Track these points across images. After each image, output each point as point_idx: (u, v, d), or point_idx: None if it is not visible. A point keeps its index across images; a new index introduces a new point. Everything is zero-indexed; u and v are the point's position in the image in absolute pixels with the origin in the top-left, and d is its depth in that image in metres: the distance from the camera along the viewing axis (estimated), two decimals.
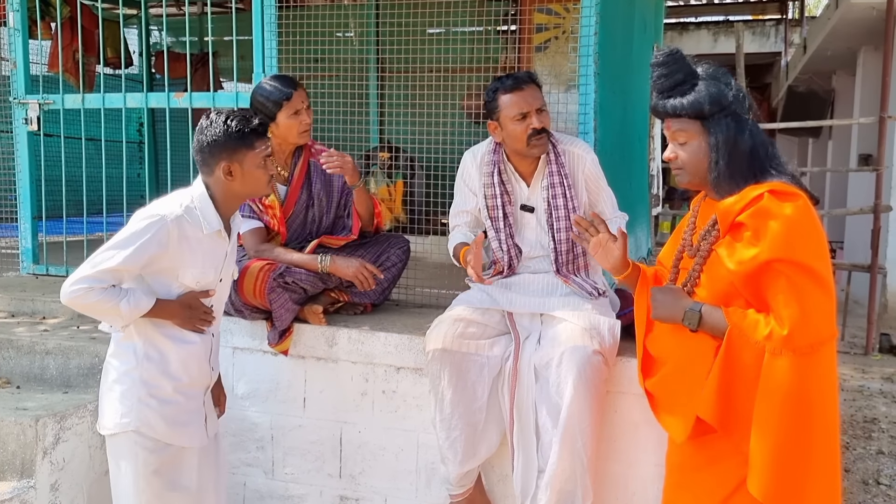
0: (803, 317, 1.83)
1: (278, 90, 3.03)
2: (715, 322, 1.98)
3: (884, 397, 5.05)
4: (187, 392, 2.32)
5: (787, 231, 1.85)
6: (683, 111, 2.01)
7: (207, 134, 2.24)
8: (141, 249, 2.16)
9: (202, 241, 2.26)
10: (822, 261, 1.87)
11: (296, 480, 3.18)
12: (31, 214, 4.33)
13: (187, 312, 2.29)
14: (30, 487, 2.76)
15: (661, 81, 2.04)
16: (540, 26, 5.14)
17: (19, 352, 3.37)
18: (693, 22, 12.99)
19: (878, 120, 6.32)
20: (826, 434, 1.91)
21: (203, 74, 6.15)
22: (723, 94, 1.98)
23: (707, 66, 2.05)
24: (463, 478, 2.75)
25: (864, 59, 9.07)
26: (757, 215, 1.89)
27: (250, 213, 3.08)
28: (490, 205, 2.89)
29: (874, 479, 3.84)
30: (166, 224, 2.17)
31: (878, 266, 6.31)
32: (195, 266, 2.25)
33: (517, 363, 2.65)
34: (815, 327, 1.85)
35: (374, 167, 5.46)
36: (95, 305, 2.17)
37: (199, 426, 2.37)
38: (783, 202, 1.88)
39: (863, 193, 7.97)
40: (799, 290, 1.84)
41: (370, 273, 2.98)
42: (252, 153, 2.26)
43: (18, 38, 4.24)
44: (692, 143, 2.03)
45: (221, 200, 2.30)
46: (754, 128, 2.00)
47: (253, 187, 2.32)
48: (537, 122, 2.72)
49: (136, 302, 2.19)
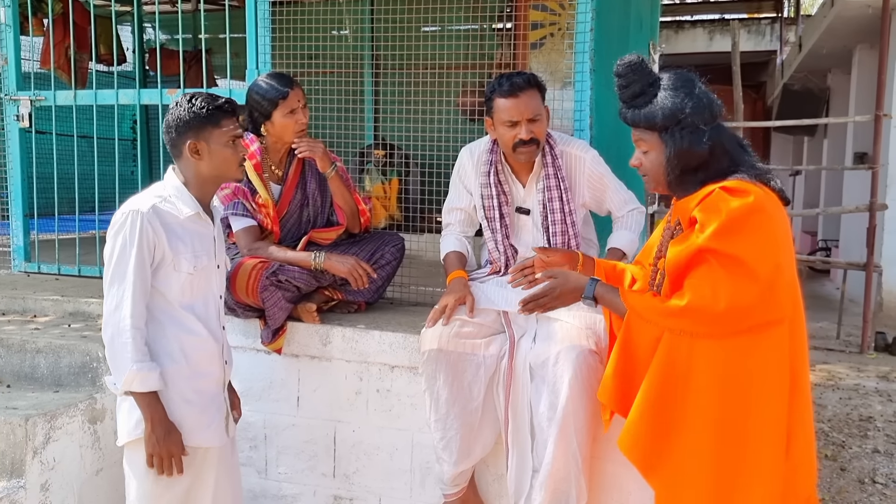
0: (712, 296, 1.88)
1: (274, 88, 2.99)
2: (611, 303, 2.14)
3: (879, 396, 5.04)
4: (205, 390, 2.31)
5: (725, 223, 1.89)
6: (640, 123, 2.07)
7: (174, 114, 2.25)
8: (139, 251, 2.14)
9: (185, 225, 2.24)
10: (756, 254, 1.88)
11: (289, 480, 3.16)
12: (22, 212, 4.30)
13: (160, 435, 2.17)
14: (20, 487, 2.73)
15: (621, 91, 2.10)
16: (536, 23, 5.12)
17: (10, 350, 3.34)
18: (689, 20, 13.00)
19: (873, 118, 6.31)
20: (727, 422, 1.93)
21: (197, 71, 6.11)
22: (678, 107, 2.00)
23: (671, 76, 2.06)
24: (457, 477, 2.73)
25: (859, 58, 9.08)
26: (705, 209, 1.94)
27: (244, 211, 3.05)
28: (486, 205, 2.88)
29: (870, 477, 3.84)
30: (143, 215, 2.16)
31: (874, 264, 6.31)
32: (186, 251, 2.23)
33: (512, 362, 2.64)
34: (726, 311, 1.87)
35: (368, 165, 5.43)
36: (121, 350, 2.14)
37: (219, 424, 2.35)
38: (732, 197, 1.92)
39: (858, 192, 7.96)
40: (715, 274, 1.89)
41: (364, 271, 2.96)
42: (218, 131, 2.25)
43: (10, 34, 4.20)
44: (651, 153, 2.09)
45: (194, 184, 2.28)
46: (714, 134, 2.00)
47: (222, 168, 2.29)
48: (525, 134, 2.70)
49: (148, 371, 2.14)
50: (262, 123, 3.03)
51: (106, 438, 3.04)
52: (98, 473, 3.02)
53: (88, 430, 2.99)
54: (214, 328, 2.35)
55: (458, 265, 2.94)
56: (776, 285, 1.90)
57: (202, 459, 2.29)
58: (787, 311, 1.94)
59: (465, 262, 2.98)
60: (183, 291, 2.25)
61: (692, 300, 1.91)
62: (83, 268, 4.16)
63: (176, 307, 2.24)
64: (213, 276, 2.35)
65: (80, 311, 3.65)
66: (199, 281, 2.28)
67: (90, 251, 4.27)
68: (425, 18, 3.84)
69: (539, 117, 2.73)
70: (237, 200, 3.03)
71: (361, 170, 5.31)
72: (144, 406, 2.16)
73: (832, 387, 5.19)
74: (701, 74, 2.10)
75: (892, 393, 5.11)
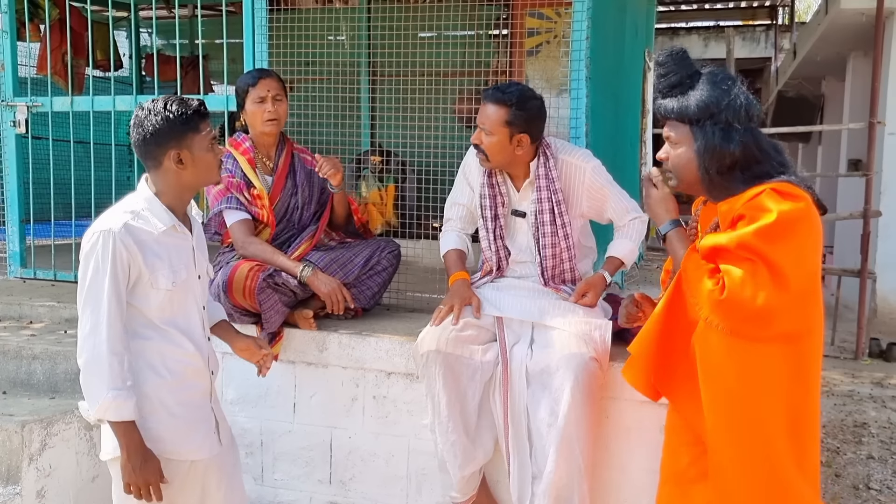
0: (752, 298, 1.81)
1: (249, 76, 3.14)
2: (674, 251, 2.07)
3: (874, 402, 5.06)
4: (191, 402, 2.23)
5: (774, 224, 1.82)
6: (672, 114, 2.00)
7: (148, 124, 2.10)
8: (113, 273, 2.04)
9: (160, 240, 2.13)
10: (793, 262, 1.83)
11: (286, 486, 3.15)
12: (18, 218, 4.30)
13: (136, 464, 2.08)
14: (15, 494, 2.73)
15: (659, 81, 2.03)
16: (532, 30, 5.14)
17: (6, 356, 3.34)
18: (684, 27, 13.04)
19: (867, 125, 6.34)
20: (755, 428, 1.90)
21: (193, 77, 6.11)
22: (714, 100, 1.94)
23: (712, 71, 2.01)
24: (466, 483, 2.72)
25: (853, 65, 9.12)
26: (754, 206, 1.87)
27: (237, 205, 3.09)
28: (483, 204, 2.90)
29: (864, 483, 3.85)
30: (114, 235, 2.05)
31: (868, 271, 6.33)
32: (163, 267, 2.13)
33: (507, 368, 2.64)
34: (759, 312, 1.82)
35: (365, 171, 5.43)
36: (97, 376, 2.03)
37: (209, 434, 2.27)
38: (783, 199, 1.85)
39: (852, 198, 8.00)
40: (760, 279, 1.82)
41: (343, 297, 2.97)
42: (199, 136, 2.14)
43: (7, 40, 4.20)
44: (680, 147, 2.01)
45: (172, 194, 2.17)
46: (747, 137, 1.94)
47: (205, 174, 2.19)
48: (475, 137, 2.76)
49: (123, 401, 2.03)
50: (241, 113, 3.16)
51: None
52: (94, 480, 3.01)
53: (84, 436, 2.98)
54: (199, 340, 2.26)
55: (460, 265, 2.94)
56: (808, 296, 1.87)
57: (186, 472, 2.20)
58: (813, 322, 1.90)
59: (465, 260, 2.99)
60: (162, 308, 2.16)
61: (731, 294, 1.83)
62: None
63: (156, 323, 2.16)
64: (194, 287, 2.25)
65: (76, 317, 3.60)
66: (178, 295, 2.19)
67: None
68: (422, 25, 3.86)
69: (491, 132, 2.71)
70: (231, 195, 3.07)
71: (358, 176, 5.31)
72: (120, 434, 2.06)
73: (827, 393, 5.20)
74: None
75: (886, 399, 5.12)
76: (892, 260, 7.24)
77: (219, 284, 2.96)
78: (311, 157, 3.36)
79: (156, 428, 2.14)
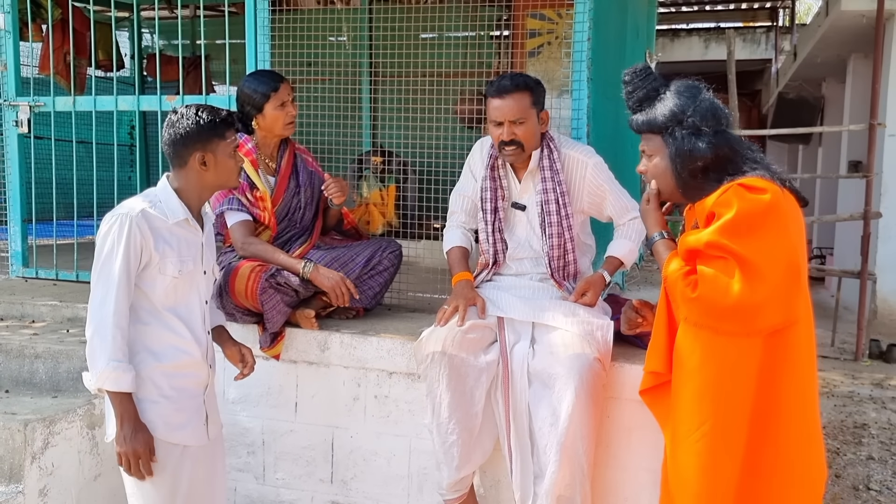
0: (723, 291, 1.88)
1: (266, 82, 3.12)
2: (660, 259, 2.16)
3: (873, 403, 5.07)
4: (185, 389, 2.32)
5: (735, 218, 1.89)
6: (643, 127, 2.10)
7: (179, 126, 2.29)
8: (126, 253, 2.17)
9: (173, 230, 2.29)
10: (766, 254, 1.88)
11: (287, 486, 3.16)
12: (20, 217, 4.30)
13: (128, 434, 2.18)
14: (18, 493, 2.73)
15: (628, 98, 2.14)
16: (533, 31, 5.15)
17: (8, 356, 3.34)
18: (685, 28, 13.06)
19: (867, 127, 6.35)
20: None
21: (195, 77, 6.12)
22: (680, 108, 2.02)
23: (677, 83, 2.09)
24: (458, 484, 2.73)
25: (853, 67, 9.13)
26: (720, 203, 1.94)
27: (238, 206, 3.10)
28: (483, 196, 2.92)
29: (864, 484, 3.86)
30: (131, 219, 2.20)
31: (868, 272, 6.34)
32: (172, 255, 2.27)
33: (507, 368, 2.65)
34: (733, 308, 1.88)
35: (366, 171, 5.44)
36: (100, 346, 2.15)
37: (199, 426, 2.36)
38: (748, 193, 1.91)
39: (852, 200, 8.01)
40: (731, 274, 1.88)
41: (347, 289, 2.99)
42: (224, 143, 2.32)
43: (9, 40, 4.21)
44: (655, 157, 2.10)
45: (192, 192, 2.34)
46: (717, 139, 2.00)
47: (225, 177, 2.37)
48: (506, 135, 2.74)
49: (118, 375, 2.15)
50: (254, 117, 3.13)
51: (104, 444, 3.04)
52: (96, 479, 3.02)
53: (87, 435, 2.99)
54: (198, 333, 2.37)
55: (464, 264, 2.95)
56: (789, 287, 1.90)
57: (180, 457, 2.29)
58: (800, 313, 1.93)
59: (469, 258, 3.00)
60: (167, 294, 2.28)
61: (702, 292, 1.92)
62: (81, 273, 4.15)
63: (160, 309, 2.28)
64: (199, 281, 2.38)
65: (78, 316, 3.65)
66: (183, 285, 2.31)
67: (88, 256, 4.23)
68: (423, 26, 3.87)
69: (524, 120, 2.74)
70: (232, 196, 3.09)
71: (359, 176, 5.32)
72: (116, 403, 2.19)
73: (827, 394, 5.21)
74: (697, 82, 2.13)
75: (886, 400, 5.13)
76: (892, 261, 7.25)
77: (221, 285, 2.97)
78: (313, 158, 3.39)
79: (149, 409, 2.24)
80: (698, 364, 1.95)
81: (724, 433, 1.93)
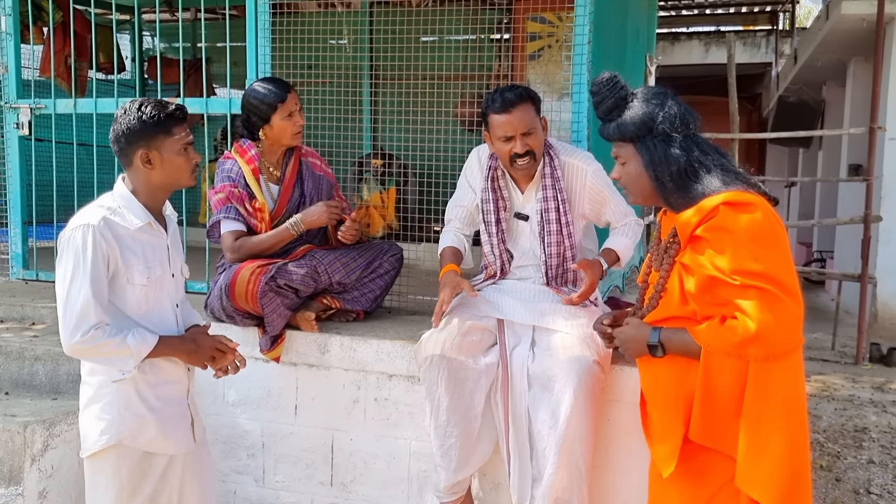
0: (777, 322, 1.85)
1: (273, 93, 3.07)
2: (679, 346, 1.99)
3: (874, 407, 5.06)
4: (170, 397, 2.28)
5: (748, 243, 1.88)
6: (615, 135, 2.11)
7: (122, 122, 2.19)
8: (94, 263, 2.09)
9: (136, 236, 2.20)
10: (786, 271, 1.89)
11: (287, 488, 3.16)
12: (21, 219, 4.31)
13: (191, 347, 2.27)
14: (17, 495, 2.74)
15: (597, 108, 2.14)
16: (533, 35, 5.15)
17: (8, 358, 3.35)
18: (685, 32, 13.07)
19: (868, 130, 6.35)
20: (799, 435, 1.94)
21: (196, 80, 6.13)
22: (649, 115, 2.04)
23: (644, 90, 2.12)
24: (455, 486, 2.73)
25: (854, 70, 9.13)
26: (714, 229, 1.92)
27: (236, 215, 3.07)
28: (485, 208, 2.91)
29: (865, 488, 3.85)
30: (94, 228, 2.11)
31: (869, 276, 6.34)
32: (138, 263, 2.19)
33: (507, 370, 2.65)
34: (789, 333, 1.88)
35: (366, 174, 5.45)
36: (105, 347, 2.10)
37: (185, 430, 2.33)
38: (739, 213, 1.91)
39: (853, 203, 8.01)
40: (770, 299, 1.86)
41: (336, 207, 3.06)
42: (170, 139, 2.20)
43: (10, 43, 4.22)
44: (629, 165, 2.11)
45: (146, 193, 2.24)
46: (687, 143, 2.03)
47: (174, 176, 2.25)
48: (520, 147, 2.73)
49: (141, 337, 2.15)
50: (261, 127, 3.09)
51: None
52: None
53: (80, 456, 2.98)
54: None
55: (451, 259, 2.94)
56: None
57: (165, 467, 2.25)
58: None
59: (461, 258, 3.00)
60: (138, 303, 2.21)
61: (760, 326, 1.84)
62: None
63: (134, 319, 2.21)
64: (168, 285, 2.31)
65: None
66: (153, 292, 2.24)
67: None
68: (423, 29, 3.87)
69: (533, 130, 2.74)
70: (230, 205, 3.06)
71: (359, 179, 5.33)
72: (166, 352, 2.21)
73: (827, 397, 5.20)
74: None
75: (886, 404, 5.12)
76: (892, 265, 7.25)
77: (221, 288, 2.97)
78: (321, 161, 3.36)
79: (135, 421, 2.19)
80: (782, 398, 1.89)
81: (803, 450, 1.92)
